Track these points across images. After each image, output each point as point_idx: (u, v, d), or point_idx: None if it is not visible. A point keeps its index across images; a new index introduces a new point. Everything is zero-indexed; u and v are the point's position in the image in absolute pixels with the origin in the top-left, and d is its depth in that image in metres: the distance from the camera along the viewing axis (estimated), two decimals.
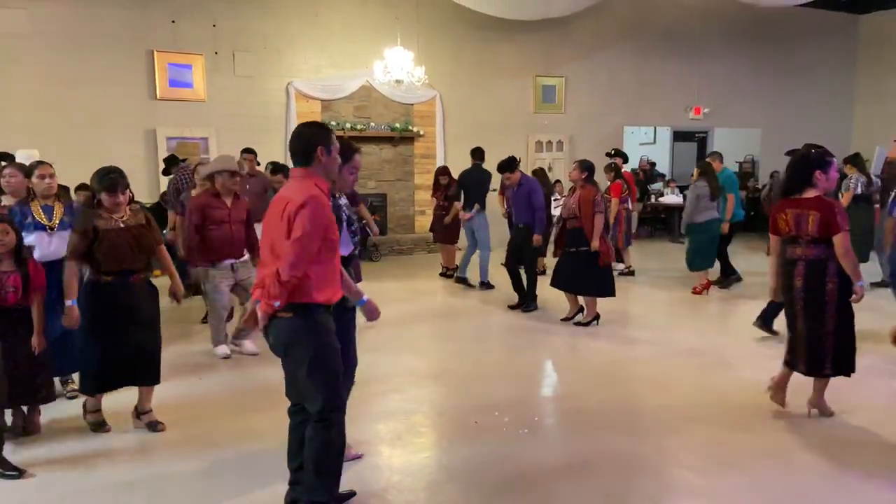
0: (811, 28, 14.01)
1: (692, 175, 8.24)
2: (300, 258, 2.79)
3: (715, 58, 13.52)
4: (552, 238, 7.95)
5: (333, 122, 10.82)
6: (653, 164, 14.61)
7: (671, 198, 12.95)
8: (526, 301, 7.39)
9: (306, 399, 2.99)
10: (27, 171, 4.55)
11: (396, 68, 10.05)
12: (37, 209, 4.48)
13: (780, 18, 13.21)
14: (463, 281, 8.59)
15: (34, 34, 8.99)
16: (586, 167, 6.58)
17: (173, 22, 9.76)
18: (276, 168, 7.76)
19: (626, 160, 9.95)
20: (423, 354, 5.93)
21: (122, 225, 4.00)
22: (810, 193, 4.13)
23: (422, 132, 11.43)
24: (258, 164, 8.05)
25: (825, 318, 4.10)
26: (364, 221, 7.30)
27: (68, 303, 3.89)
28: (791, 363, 4.34)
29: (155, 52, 9.70)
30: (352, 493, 3.33)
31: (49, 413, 4.32)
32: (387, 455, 3.90)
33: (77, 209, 4.60)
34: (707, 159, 8.45)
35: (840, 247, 4.00)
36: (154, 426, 4.20)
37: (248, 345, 5.79)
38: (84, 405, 4.23)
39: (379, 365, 5.32)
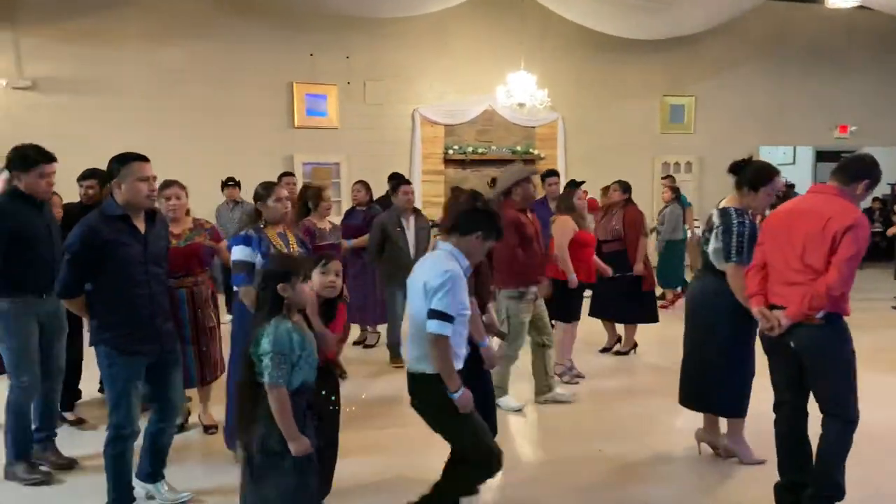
0: None
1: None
2: (850, 275, 3.02)
3: (862, 73, 12.58)
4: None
5: (456, 146, 11.10)
6: (791, 186, 13.71)
7: None
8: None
9: (831, 399, 3.15)
10: (259, 195, 3.71)
11: (519, 91, 10.15)
12: (274, 237, 3.62)
13: None
14: None
15: (189, 70, 9.86)
16: (626, 188, 6.46)
17: (311, 55, 10.42)
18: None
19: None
20: None
21: None
22: None
23: (543, 155, 11.41)
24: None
25: None
26: None
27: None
28: None
29: (294, 84, 10.39)
30: None
31: None
32: None
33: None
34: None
35: None
36: None
37: (562, 391, 5.08)
38: None
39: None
